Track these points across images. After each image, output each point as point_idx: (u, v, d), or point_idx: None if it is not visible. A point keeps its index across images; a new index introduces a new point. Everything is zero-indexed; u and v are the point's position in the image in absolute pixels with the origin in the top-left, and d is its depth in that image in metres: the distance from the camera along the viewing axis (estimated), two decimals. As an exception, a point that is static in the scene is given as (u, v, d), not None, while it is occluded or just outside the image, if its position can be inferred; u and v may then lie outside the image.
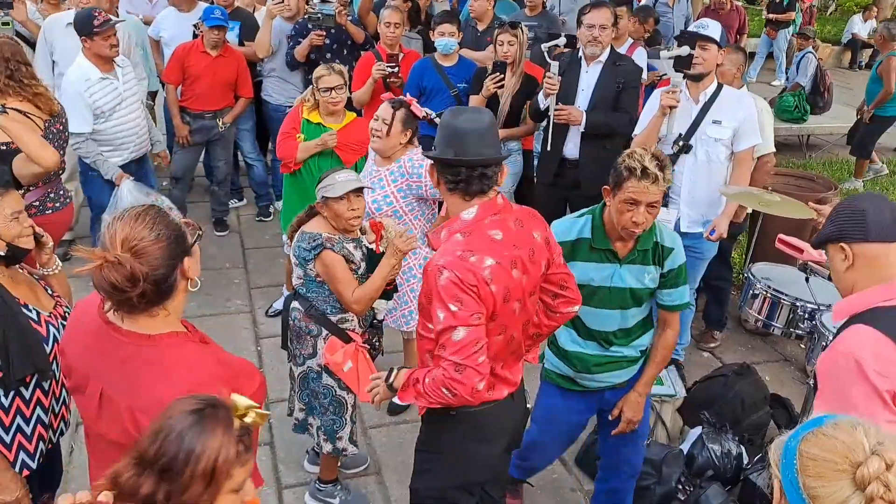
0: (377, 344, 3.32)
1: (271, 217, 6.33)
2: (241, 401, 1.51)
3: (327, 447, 3.23)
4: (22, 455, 2.37)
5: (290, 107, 5.85)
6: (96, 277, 1.72)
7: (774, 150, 4.32)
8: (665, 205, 3.97)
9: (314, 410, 3.21)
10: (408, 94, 5.14)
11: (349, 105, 4.58)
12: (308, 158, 4.27)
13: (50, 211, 3.75)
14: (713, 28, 3.84)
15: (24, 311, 2.34)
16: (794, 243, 2.96)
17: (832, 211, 2.09)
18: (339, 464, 3.43)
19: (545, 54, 4.52)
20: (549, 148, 4.60)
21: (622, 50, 5.54)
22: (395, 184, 3.65)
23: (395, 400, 2.44)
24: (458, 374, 2.15)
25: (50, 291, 2.54)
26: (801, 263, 2.93)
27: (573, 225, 2.83)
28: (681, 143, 3.90)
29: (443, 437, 2.44)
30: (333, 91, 4.13)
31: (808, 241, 4.19)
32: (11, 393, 2.32)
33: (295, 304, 3.18)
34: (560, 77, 4.42)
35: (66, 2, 5.78)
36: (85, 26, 4.29)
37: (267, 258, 5.69)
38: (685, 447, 3.49)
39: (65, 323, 2.46)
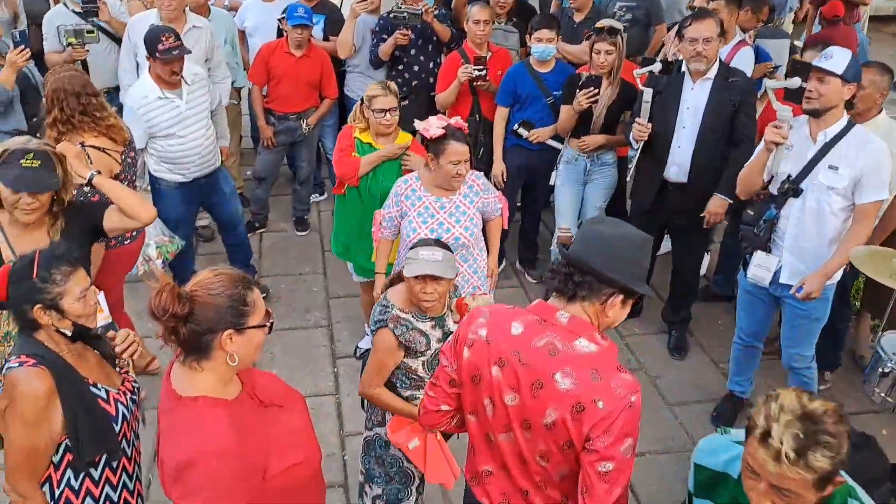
0: None
1: (351, 214, 6.18)
2: None
3: None
4: None
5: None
6: (149, 301, 1.87)
7: None
8: (768, 250, 3.56)
9: (375, 478, 3.03)
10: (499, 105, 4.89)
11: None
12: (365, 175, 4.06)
13: (128, 241, 3.72)
14: (838, 59, 3.25)
15: (94, 390, 2.30)
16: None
17: None
18: None
19: (637, 81, 4.14)
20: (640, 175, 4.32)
21: (727, 49, 5.03)
22: (473, 204, 3.54)
23: None
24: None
25: (118, 368, 2.49)
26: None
27: (724, 450, 2.05)
28: (787, 186, 3.42)
29: None
30: (388, 113, 3.87)
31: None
32: (81, 474, 2.30)
33: None
34: (653, 101, 4.08)
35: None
36: (150, 47, 4.13)
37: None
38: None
39: (134, 398, 2.45)
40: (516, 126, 4.82)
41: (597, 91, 4.43)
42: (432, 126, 3.33)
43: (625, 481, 1.91)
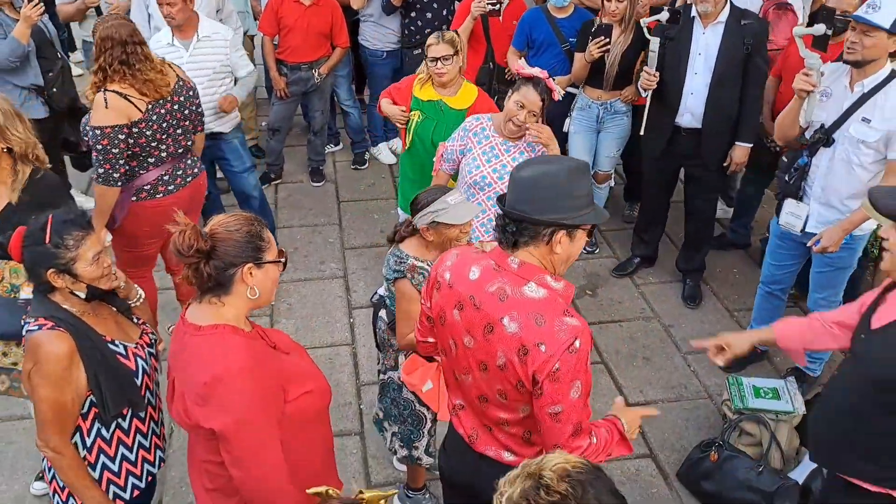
0: None
1: (366, 165, 6.20)
2: (371, 494, 1.69)
3: (402, 452, 3.18)
4: (132, 479, 2.46)
5: (387, 52, 5.65)
6: (171, 241, 1.96)
7: None
8: (799, 198, 3.53)
9: (391, 417, 3.15)
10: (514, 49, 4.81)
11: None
12: (419, 129, 3.99)
13: (161, 195, 3.66)
14: (886, 10, 3.03)
15: (112, 347, 2.34)
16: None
17: None
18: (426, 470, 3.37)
19: (644, 31, 4.05)
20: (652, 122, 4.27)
21: None
22: (535, 153, 3.47)
23: None
24: None
25: (135, 320, 2.53)
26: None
27: None
28: (817, 136, 3.35)
29: None
30: (439, 62, 3.82)
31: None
32: (112, 425, 2.37)
33: (381, 313, 3.08)
34: (663, 52, 4.04)
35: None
36: None
37: (361, 213, 5.59)
38: (800, 476, 3.21)
39: (151, 351, 2.49)
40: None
41: (608, 41, 4.35)
42: (527, 67, 3.35)
43: (578, 418, 1.98)
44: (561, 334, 1.90)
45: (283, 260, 2.11)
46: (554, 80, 4.61)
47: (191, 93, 3.73)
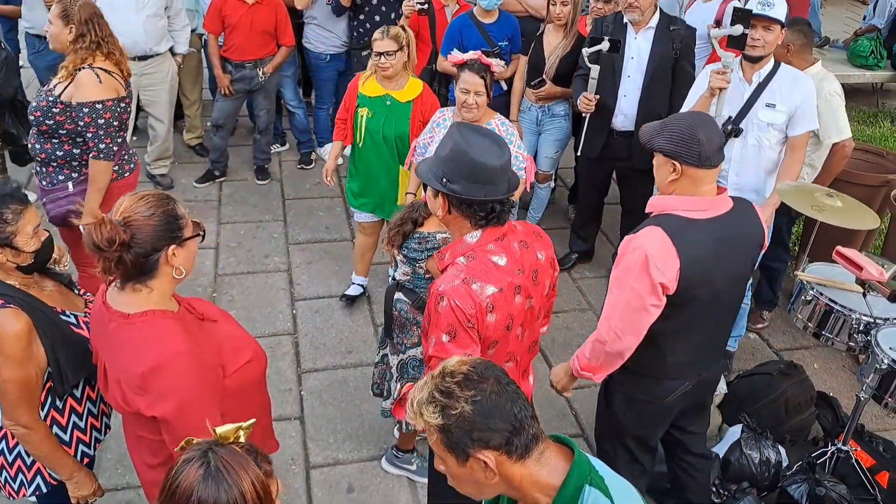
0: None
1: (312, 165, 6.24)
2: (224, 430, 1.53)
3: None
4: (81, 447, 2.47)
5: (331, 55, 5.73)
6: (85, 236, 1.89)
7: (850, 135, 3.98)
8: None
9: None
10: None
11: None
12: (369, 125, 4.07)
13: (128, 173, 3.73)
14: (779, 6, 3.43)
15: (64, 317, 2.32)
16: (853, 258, 2.73)
17: (666, 125, 2.37)
18: (417, 436, 3.45)
19: (585, 59, 4.22)
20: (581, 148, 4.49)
21: (716, 4, 5.11)
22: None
23: None
24: None
25: (77, 291, 2.51)
26: (859, 280, 2.73)
27: None
28: (730, 128, 3.61)
29: None
30: (383, 56, 3.93)
31: (863, 249, 3.96)
32: (65, 395, 2.37)
33: (399, 295, 3.12)
34: (596, 93, 4.29)
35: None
36: None
37: (307, 211, 5.64)
38: (721, 450, 3.38)
39: None
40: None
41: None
42: (459, 54, 3.56)
43: None
44: (544, 233, 2.44)
45: (201, 233, 2.10)
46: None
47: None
